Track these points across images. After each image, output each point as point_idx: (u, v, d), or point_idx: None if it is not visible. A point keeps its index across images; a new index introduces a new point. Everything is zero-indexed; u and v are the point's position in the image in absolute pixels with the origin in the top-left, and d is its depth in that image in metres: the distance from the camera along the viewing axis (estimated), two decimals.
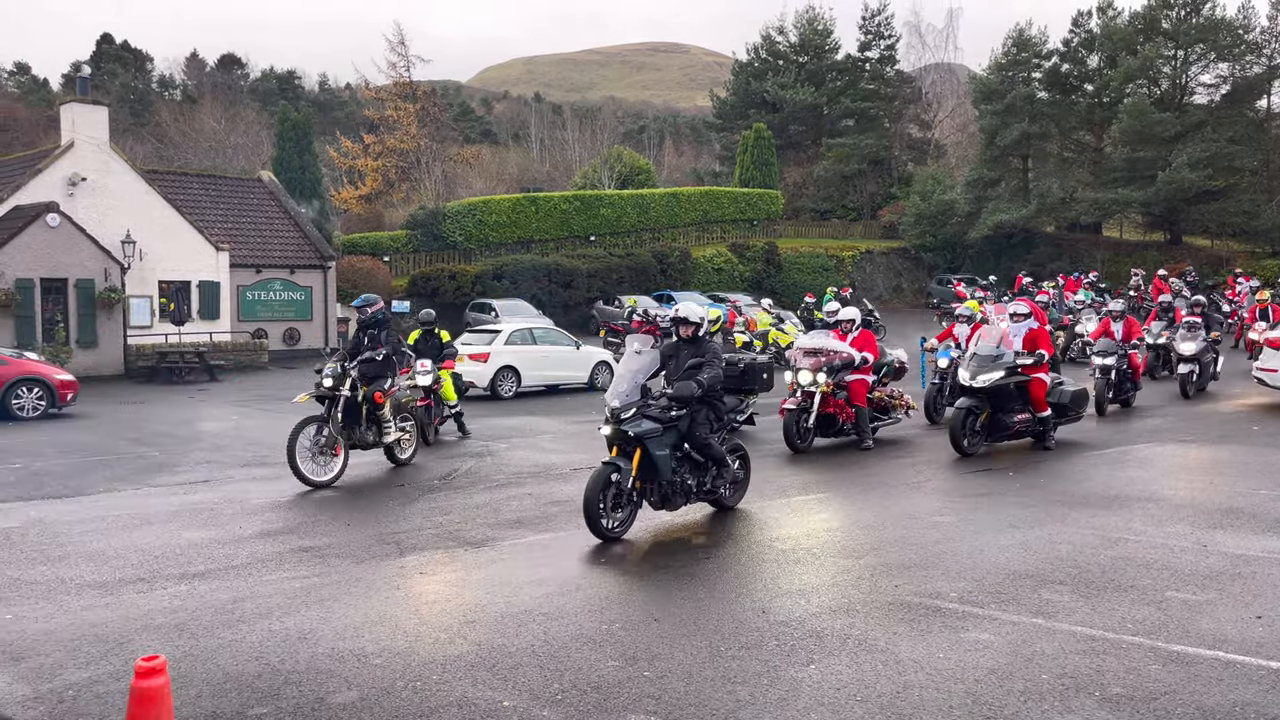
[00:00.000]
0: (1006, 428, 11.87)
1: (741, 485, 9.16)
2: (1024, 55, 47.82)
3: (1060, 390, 12.52)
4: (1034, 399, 11.99)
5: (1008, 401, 11.79)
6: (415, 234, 38.61)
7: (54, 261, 24.30)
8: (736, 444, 9.16)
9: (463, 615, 6.10)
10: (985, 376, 11.52)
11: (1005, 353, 11.77)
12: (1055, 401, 12.33)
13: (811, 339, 13.15)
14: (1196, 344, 17.51)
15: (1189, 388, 17.43)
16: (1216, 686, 4.85)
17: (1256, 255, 42.43)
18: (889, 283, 46.92)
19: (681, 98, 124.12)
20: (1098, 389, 15.08)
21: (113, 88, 61.95)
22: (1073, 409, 12.64)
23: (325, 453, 10.70)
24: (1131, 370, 16.22)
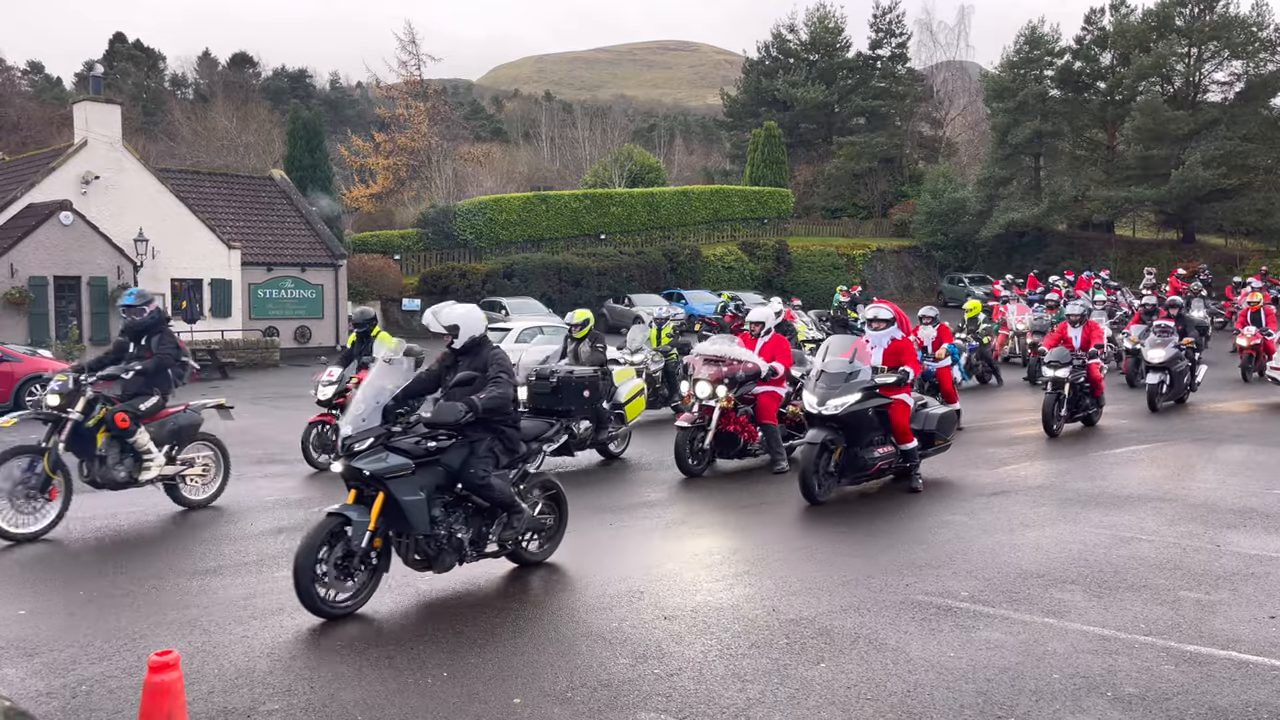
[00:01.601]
0: (865, 465, 9.31)
1: (552, 534, 7.22)
2: (1036, 53, 47.62)
3: (924, 414, 10.20)
4: (896, 427, 9.56)
5: (867, 432, 9.31)
6: (426, 232, 38.68)
7: (67, 259, 24.43)
8: (548, 481, 7.25)
9: (472, 612, 6.11)
10: (839, 401, 9.00)
11: (860, 369, 9.27)
12: (920, 429, 9.98)
13: (713, 345, 11.43)
14: (1166, 350, 15.67)
15: (1157, 400, 15.54)
16: (1230, 687, 4.83)
17: (1270, 254, 42.18)
18: (900, 281, 46.78)
19: (692, 96, 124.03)
20: (1046, 405, 13.17)
21: (125, 86, 62.22)
22: (940, 436, 10.28)
23: (33, 495, 8.23)
24: (1091, 384, 13.87)
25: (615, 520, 8.80)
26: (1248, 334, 19.27)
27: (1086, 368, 13.75)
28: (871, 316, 10.26)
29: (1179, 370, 15.90)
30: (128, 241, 25.81)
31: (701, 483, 10.55)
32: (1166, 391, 15.69)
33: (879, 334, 10.09)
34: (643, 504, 9.57)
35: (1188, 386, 16.41)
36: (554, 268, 37.04)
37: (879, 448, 9.44)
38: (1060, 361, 13.39)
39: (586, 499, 9.36)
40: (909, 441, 9.65)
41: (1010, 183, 47.60)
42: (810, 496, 9.01)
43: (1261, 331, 19.15)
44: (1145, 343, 16.46)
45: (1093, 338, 14.04)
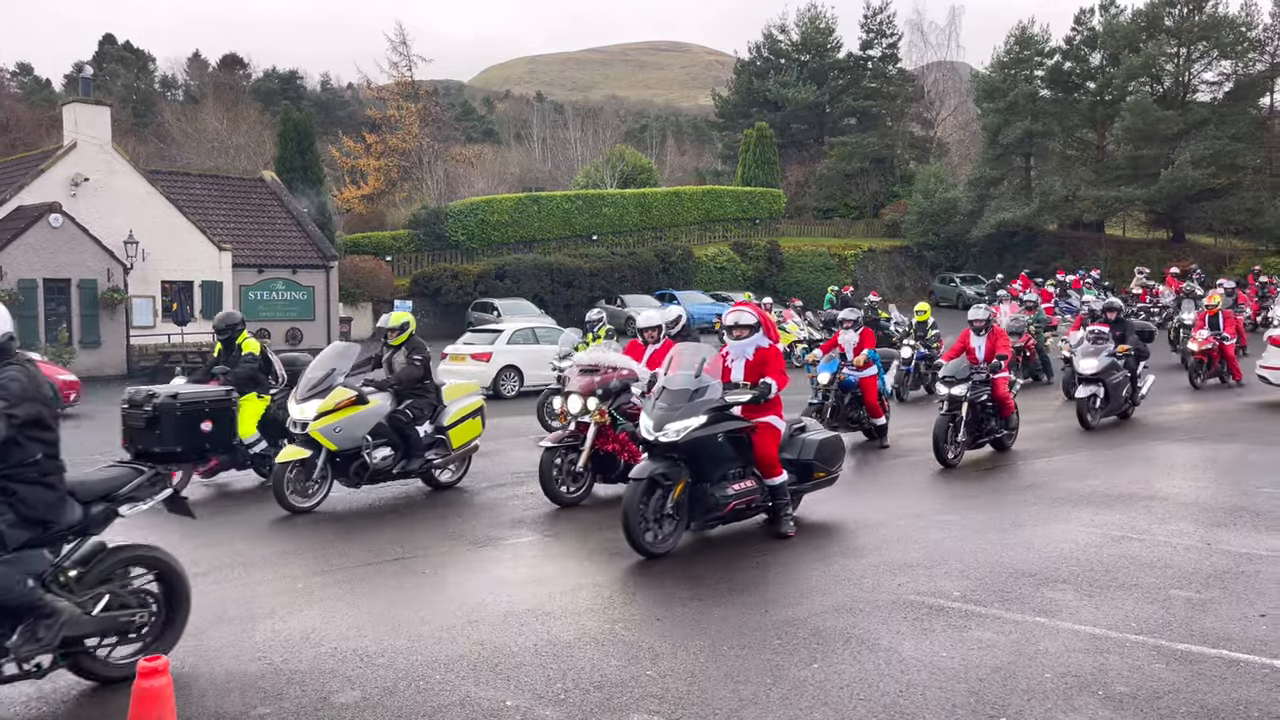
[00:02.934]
0: (716, 505, 7.56)
1: (156, 632, 5.15)
2: (1026, 53, 47.81)
3: (801, 441, 8.49)
4: (760, 457, 7.86)
5: (718, 463, 7.61)
6: (417, 234, 38.63)
7: (57, 262, 24.33)
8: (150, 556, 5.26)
9: (465, 615, 6.10)
10: (680, 425, 7.32)
11: (709, 385, 7.58)
12: (794, 458, 8.32)
13: (591, 354, 10.16)
14: (1099, 360, 13.85)
15: (1088, 415, 13.73)
16: (1220, 685, 4.84)
17: (1260, 253, 42.38)
18: (891, 281, 46.89)
19: (684, 97, 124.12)
20: (937, 429, 11.06)
21: (115, 88, 61.99)
22: (821, 466, 8.49)
23: None
24: (996, 403, 11.84)
25: (606, 523, 8.80)
26: (1200, 338, 18.25)
27: (990, 383, 11.70)
28: (732, 323, 8.21)
29: (1115, 382, 13.97)
30: (118, 244, 25.71)
31: None
32: (1101, 406, 13.86)
33: (741, 343, 8.16)
34: None
35: (1128, 400, 14.45)
36: (546, 269, 37.02)
37: (735, 482, 7.72)
38: (955, 377, 11.44)
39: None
40: (776, 474, 7.90)
41: (1001, 183, 47.77)
42: (639, 547, 7.18)
43: (1216, 336, 18.27)
44: (1077, 351, 14.62)
45: (997, 348, 12.01)
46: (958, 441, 11.24)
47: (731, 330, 8.28)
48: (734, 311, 8.40)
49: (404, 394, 9.97)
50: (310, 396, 9.38)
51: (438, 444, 10.10)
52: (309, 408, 9.28)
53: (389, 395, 9.86)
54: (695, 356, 7.86)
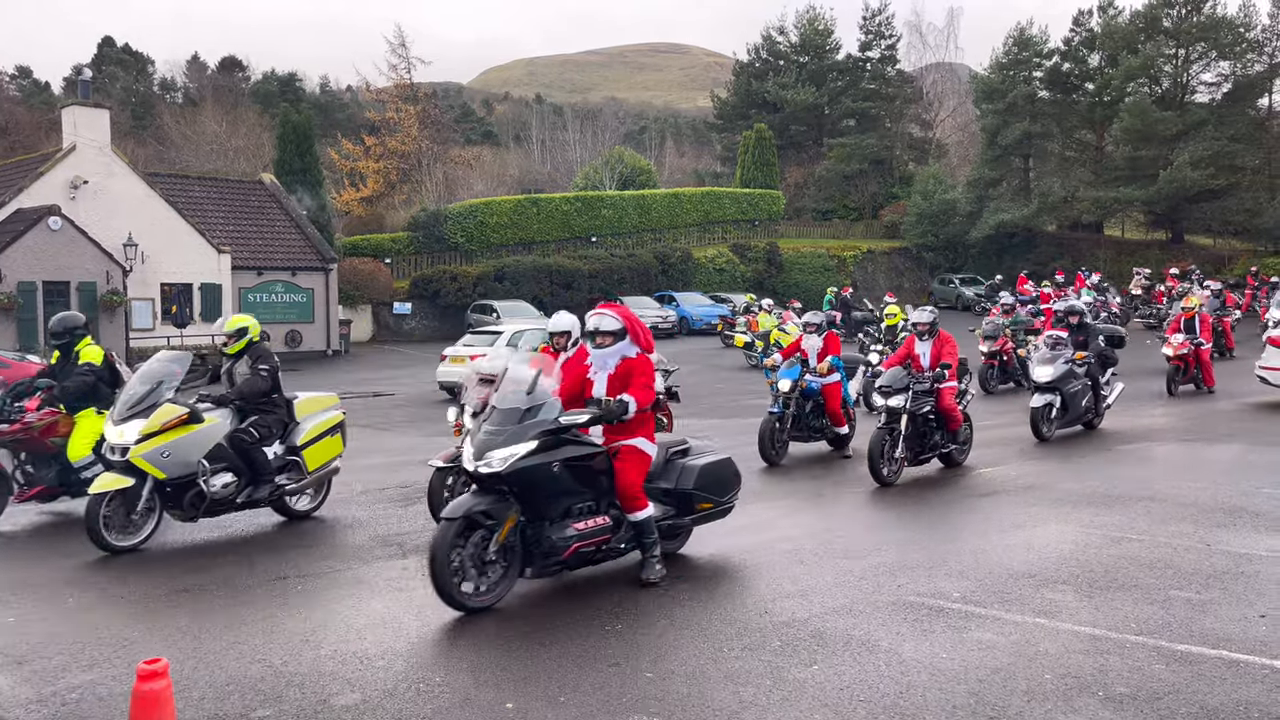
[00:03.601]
0: (554, 548, 6.29)
1: None
2: (1025, 54, 47.84)
3: (679, 467, 7.12)
4: (621, 487, 6.62)
5: (556, 497, 6.36)
6: (416, 236, 38.64)
7: (56, 265, 24.33)
8: None
9: (465, 616, 6.10)
10: (505, 452, 6.11)
11: (544, 404, 6.36)
12: (670, 488, 7.06)
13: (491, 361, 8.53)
14: (1055, 367, 12.86)
15: (1043, 425, 12.75)
16: (1220, 686, 4.84)
17: (1259, 254, 42.41)
18: (891, 283, 46.91)
19: (682, 98, 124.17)
20: (872, 444, 10.10)
21: (114, 91, 62.00)
22: (706, 496, 7.16)
23: None
24: (942, 416, 10.75)
25: None
26: (1175, 342, 17.43)
27: (935, 394, 10.68)
28: (593, 328, 6.92)
29: (1072, 391, 13.02)
30: (117, 246, 25.72)
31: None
32: (1058, 416, 12.91)
33: (603, 353, 6.88)
34: None
35: (1089, 410, 13.46)
36: (545, 270, 37.03)
37: (582, 519, 6.47)
38: (893, 386, 10.42)
39: None
40: (640, 508, 6.63)
41: (1000, 184, 47.80)
42: (452, 600, 5.97)
43: (1191, 340, 17.46)
44: (1034, 358, 13.67)
45: (942, 355, 10.90)
46: (895, 458, 10.22)
47: (594, 337, 6.93)
48: (595, 314, 7.00)
49: (248, 410, 8.65)
50: (130, 416, 8.07)
51: (290, 467, 8.87)
52: (129, 429, 7.99)
53: (230, 412, 8.57)
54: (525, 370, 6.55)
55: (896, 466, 10.28)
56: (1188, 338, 17.56)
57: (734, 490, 7.45)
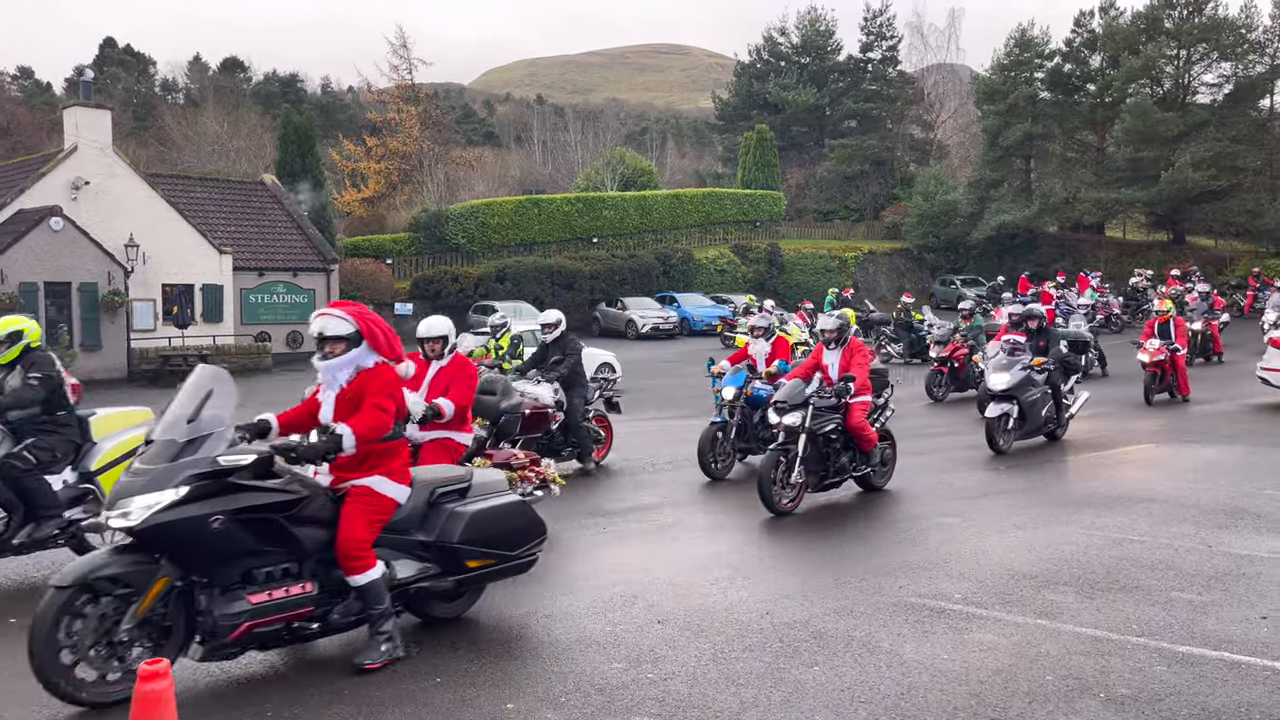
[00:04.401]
0: (217, 628, 4.81)
1: None
2: (1026, 55, 47.81)
3: (446, 514, 5.63)
4: (341, 542, 5.14)
5: (224, 560, 4.88)
6: (418, 236, 38.64)
7: (57, 265, 24.34)
8: None
9: (465, 619, 6.10)
10: (144, 501, 4.70)
11: (209, 434, 4.90)
12: (430, 539, 5.57)
13: None
14: (1011, 375, 12.07)
15: (999, 436, 12.00)
16: (1222, 687, 4.84)
17: (1260, 255, 42.39)
18: (892, 284, 46.89)
19: (684, 99, 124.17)
20: (763, 468, 8.91)
21: (115, 91, 62.04)
22: (482, 551, 5.68)
23: None
24: (850, 435, 9.45)
25: (608, 525, 8.80)
26: (1151, 348, 16.62)
27: (842, 410, 9.39)
28: (317, 333, 5.42)
29: (1030, 400, 12.18)
30: (118, 247, 25.73)
31: (712, 487, 10.53)
32: (1015, 427, 12.16)
33: (333, 363, 5.41)
34: (637, 508, 9.56)
35: (1049, 420, 12.62)
36: (546, 271, 37.03)
37: (265, 589, 4.91)
38: (789, 402, 9.04)
39: (573, 503, 9.34)
40: (362, 569, 5.14)
41: (1001, 185, 47.77)
42: (58, 690, 4.62)
43: (1167, 345, 16.67)
44: (989, 364, 12.82)
45: (851, 365, 9.63)
46: (792, 483, 8.93)
47: (321, 345, 5.43)
48: (320, 315, 5.47)
49: (23, 431, 7.04)
50: None
51: (85, 497, 7.24)
52: None
53: (1, 434, 7.04)
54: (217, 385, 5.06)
55: (794, 493, 8.99)
56: (1164, 343, 16.75)
57: (528, 543, 5.91)
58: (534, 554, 6.03)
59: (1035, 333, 13.10)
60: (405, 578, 5.46)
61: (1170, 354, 16.68)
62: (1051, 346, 12.94)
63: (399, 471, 5.49)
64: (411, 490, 5.56)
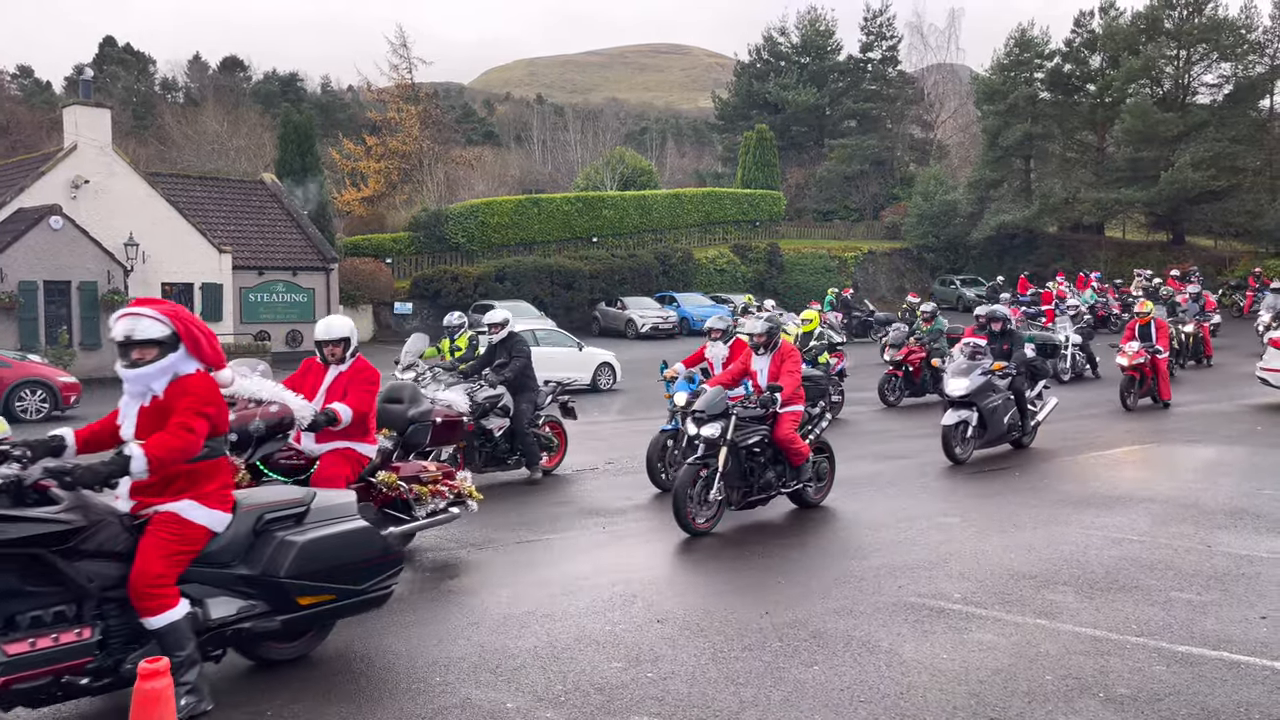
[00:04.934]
0: None
1: None
2: (1026, 56, 47.83)
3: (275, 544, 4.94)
4: (134, 578, 4.45)
5: None
6: (417, 236, 38.64)
7: (57, 264, 24.33)
8: None
9: (465, 617, 6.10)
10: None
11: None
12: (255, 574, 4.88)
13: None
14: (971, 380, 11.39)
15: (956, 445, 11.34)
16: (1221, 687, 4.84)
17: (1260, 255, 42.42)
18: (891, 284, 46.90)
19: (683, 99, 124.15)
20: (679, 485, 8.04)
21: (115, 90, 62.03)
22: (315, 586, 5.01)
23: None
24: (777, 449, 8.65)
25: (607, 525, 8.80)
26: (1130, 350, 16.08)
27: (769, 421, 8.61)
28: (123, 336, 4.72)
29: (991, 406, 11.51)
30: (118, 246, 25.72)
31: None
32: (975, 435, 11.49)
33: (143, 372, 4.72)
34: (636, 507, 9.56)
35: (1012, 428, 11.98)
36: (546, 271, 37.02)
37: (27, 636, 4.20)
38: (708, 412, 8.20)
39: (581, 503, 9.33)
40: (160, 609, 4.47)
41: (1001, 185, 47.79)
42: None
43: (1148, 348, 16.13)
44: (948, 369, 12.16)
45: (781, 372, 8.84)
46: (710, 500, 8.15)
47: (127, 350, 4.72)
48: (127, 317, 4.75)
49: None
50: None
51: None
52: None
53: None
54: None
55: (713, 511, 8.20)
56: (1144, 346, 16.21)
57: (378, 575, 5.26)
58: (386, 587, 5.36)
59: (998, 335, 12.45)
60: (221, 618, 4.74)
61: (1151, 357, 16.17)
62: (1015, 350, 12.27)
63: (215, 495, 4.76)
64: (233, 516, 4.83)
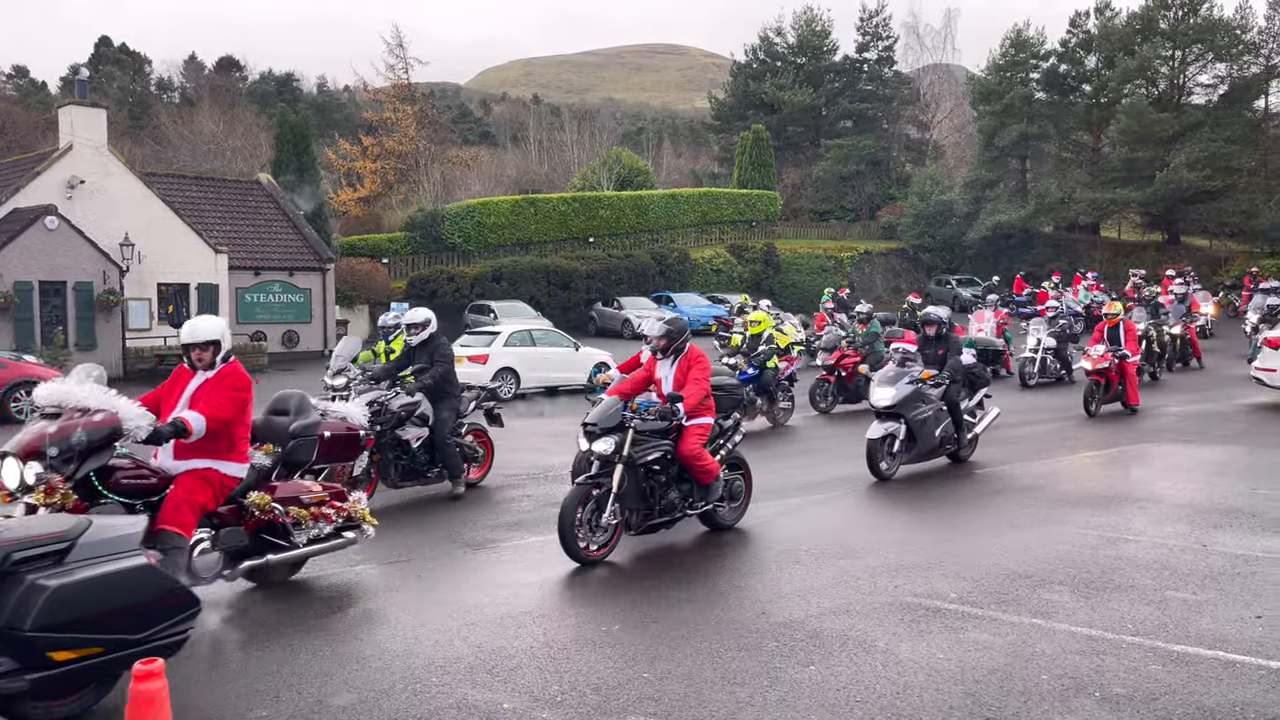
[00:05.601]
0: None
1: None
2: (1022, 56, 47.90)
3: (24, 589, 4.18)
4: None
5: None
6: (414, 236, 38.61)
7: (52, 264, 24.27)
8: None
9: (462, 617, 6.10)
10: None
11: None
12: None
13: (53, 387, 5.91)
14: (897, 389, 10.49)
15: (882, 461, 10.36)
16: (1217, 686, 4.85)
17: (1255, 255, 42.50)
18: (888, 284, 46.95)
19: (680, 99, 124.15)
20: (565, 507, 7.13)
21: (111, 90, 61.91)
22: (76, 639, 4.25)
23: None
24: (682, 467, 7.77)
25: None
26: (1095, 354, 15.45)
27: (672, 435, 7.73)
28: None
29: (920, 418, 10.53)
30: (114, 246, 25.66)
31: None
32: (903, 449, 10.54)
33: None
34: None
35: (946, 441, 11.00)
36: (542, 271, 37.01)
37: None
38: (600, 425, 7.34)
39: None
40: None
41: (997, 185, 47.85)
42: None
43: (1114, 352, 15.43)
44: (875, 377, 11.32)
45: (687, 380, 7.84)
46: (603, 525, 7.23)
47: None
48: None
49: None
50: None
51: None
52: None
53: None
54: None
55: (607, 536, 7.26)
56: (1110, 349, 15.53)
57: (163, 622, 4.52)
58: (173, 634, 4.56)
59: (932, 340, 11.50)
60: None
61: (1118, 361, 15.45)
62: (950, 356, 11.28)
63: None
64: None
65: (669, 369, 8.10)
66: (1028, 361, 19.72)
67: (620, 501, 7.34)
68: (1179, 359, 21.83)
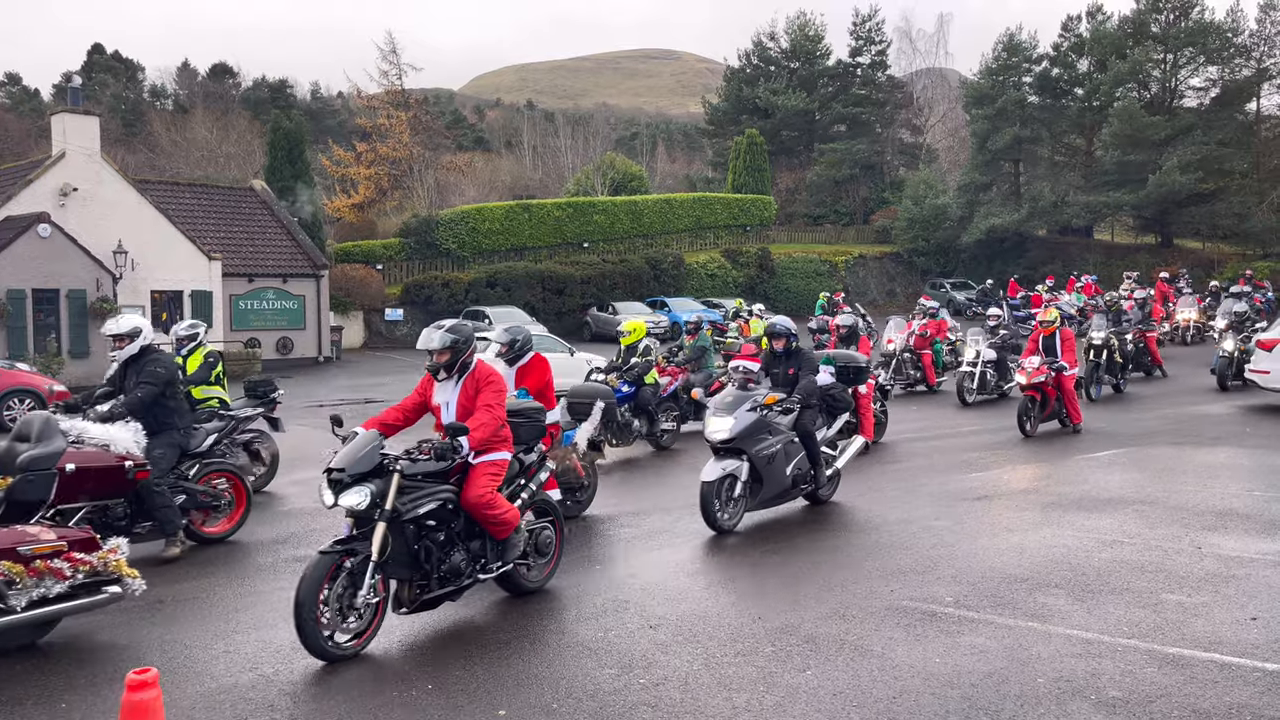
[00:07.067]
0: None
1: None
2: (1014, 60, 48.08)
3: None
4: None
5: None
6: (408, 242, 38.59)
7: (45, 272, 24.22)
8: None
9: (457, 625, 6.08)
10: None
11: None
12: None
13: None
14: (738, 418, 8.50)
15: (718, 511, 8.29)
16: (1212, 689, 4.85)
17: (1248, 257, 42.65)
18: (882, 287, 47.02)
19: (674, 104, 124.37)
20: (305, 587, 5.36)
21: (104, 98, 61.85)
22: None
23: None
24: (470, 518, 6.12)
25: (598, 532, 8.78)
26: (1030, 367, 13.62)
27: (455, 476, 6.09)
28: None
29: (765, 454, 8.58)
30: (107, 253, 25.62)
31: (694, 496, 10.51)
32: (745, 493, 8.51)
33: None
34: (626, 514, 9.56)
35: (800, 480, 9.04)
36: (537, 276, 37.02)
37: None
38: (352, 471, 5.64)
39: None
40: None
41: (990, 188, 47.99)
42: None
43: (1050, 364, 13.63)
44: (710, 404, 9.05)
45: (477, 404, 6.15)
46: (357, 605, 5.49)
47: None
48: None
49: None
50: None
51: None
52: None
53: None
54: None
55: (366, 621, 5.56)
56: (1045, 361, 13.73)
57: None
58: None
59: (780, 356, 9.50)
60: None
61: (1055, 374, 13.65)
62: (803, 375, 9.24)
63: None
64: None
65: (450, 391, 6.25)
66: (966, 376, 17.34)
67: (383, 572, 5.61)
68: (1136, 368, 19.96)
